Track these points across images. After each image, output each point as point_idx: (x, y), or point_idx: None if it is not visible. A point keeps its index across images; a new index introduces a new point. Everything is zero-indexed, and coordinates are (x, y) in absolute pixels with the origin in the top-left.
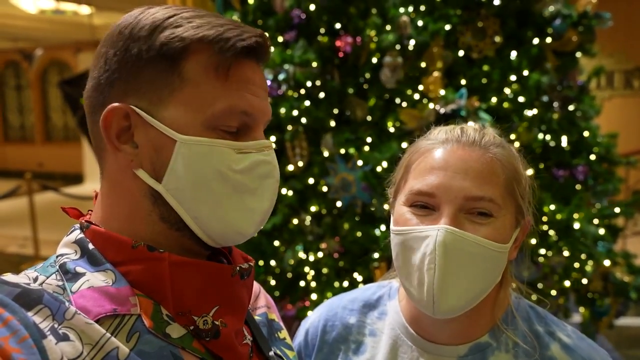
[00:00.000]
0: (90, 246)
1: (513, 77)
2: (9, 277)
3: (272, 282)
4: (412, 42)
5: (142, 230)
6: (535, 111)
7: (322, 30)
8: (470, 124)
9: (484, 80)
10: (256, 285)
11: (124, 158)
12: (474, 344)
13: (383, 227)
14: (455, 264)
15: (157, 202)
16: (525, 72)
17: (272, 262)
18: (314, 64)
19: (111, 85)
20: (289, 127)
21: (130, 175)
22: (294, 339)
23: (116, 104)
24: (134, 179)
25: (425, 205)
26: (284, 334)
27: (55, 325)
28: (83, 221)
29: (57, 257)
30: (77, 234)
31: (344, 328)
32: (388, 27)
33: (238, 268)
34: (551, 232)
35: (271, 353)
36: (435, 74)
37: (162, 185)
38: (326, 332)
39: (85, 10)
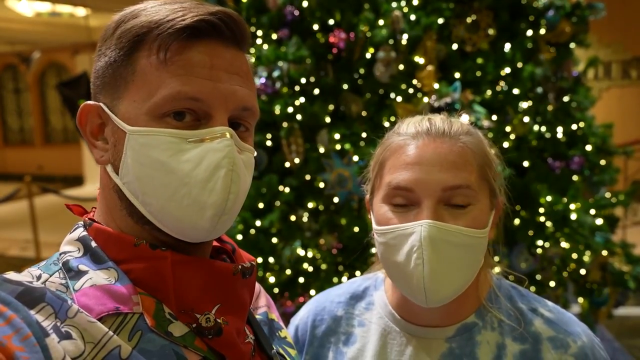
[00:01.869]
0: (93, 244)
1: (507, 70)
2: (11, 275)
3: (271, 279)
4: (405, 36)
5: (120, 226)
6: (530, 103)
7: (316, 27)
8: (465, 117)
9: (478, 73)
10: (257, 285)
11: (97, 154)
12: (461, 324)
13: None
14: (442, 256)
15: (122, 197)
16: (519, 64)
17: (271, 259)
18: (308, 61)
19: (93, 84)
20: (284, 124)
21: (104, 171)
22: None
23: (89, 102)
24: (106, 174)
25: (404, 202)
26: (284, 332)
27: (58, 324)
28: (86, 219)
29: (60, 254)
30: (80, 232)
31: (332, 321)
32: (381, 22)
33: (240, 267)
34: (548, 224)
35: (273, 351)
36: (429, 67)
37: (120, 178)
38: (315, 326)
39: (81, 12)
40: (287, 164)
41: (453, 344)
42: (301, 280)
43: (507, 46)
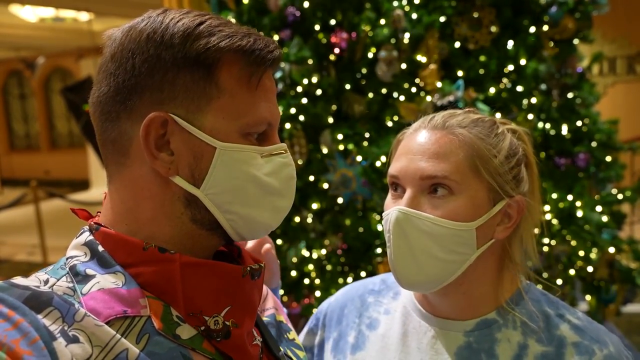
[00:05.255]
0: (100, 248)
1: (510, 67)
2: (19, 280)
3: None
4: (407, 35)
5: (167, 232)
6: (534, 100)
7: (317, 27)
8: None
9: (481, 71)
10: (264, 287)
11: (161, 166)
12: (481, 319)
13: None
14: (410, 242)
15: (191, 206)
16: (523, 61)
17: None
18: (310, 61)
19: (141, 91)
20: (287, 126)
21: (160, 181)
22: (313, 315)
23: (157, 113)
24: (164, 184)
25: (397, 190)
26: (293, 334)
27: (65, 328)
28: (92, 223)
29: (67, 259)
30: (86, 236)
31: (362, 305)
32: (382, 21)
33: (249, 268)
34: (554, 221)
35: (281, 353)
36: (432, 66)
37: (201, 190)
38: (345, 306)
39: (84, 16)
40: None
41: (471, 338)
42: (306, 281)
43: (510, 43)
